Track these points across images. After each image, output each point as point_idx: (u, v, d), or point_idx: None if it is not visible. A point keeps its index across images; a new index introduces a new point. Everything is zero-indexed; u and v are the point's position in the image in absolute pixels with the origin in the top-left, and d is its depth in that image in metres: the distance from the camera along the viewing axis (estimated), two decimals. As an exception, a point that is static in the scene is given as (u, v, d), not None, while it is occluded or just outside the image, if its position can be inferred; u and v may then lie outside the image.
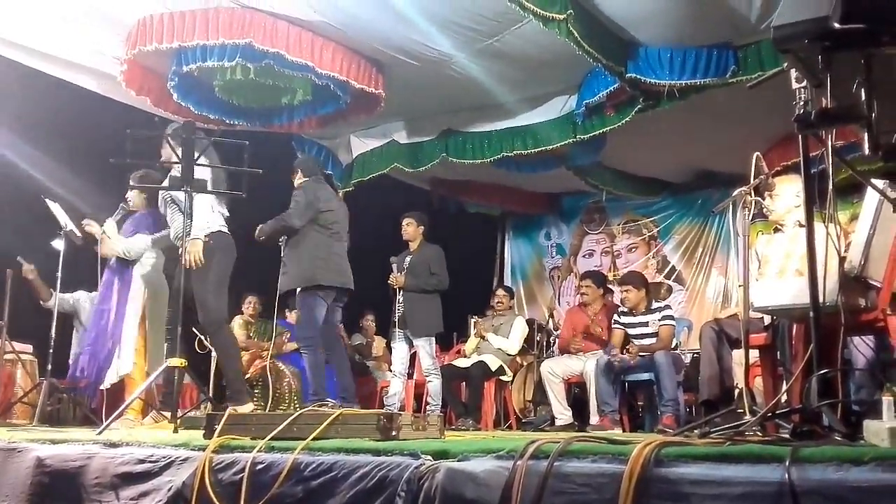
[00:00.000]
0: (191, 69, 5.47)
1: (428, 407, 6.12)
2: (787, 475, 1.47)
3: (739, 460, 1.58)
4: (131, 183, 5.05)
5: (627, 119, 5.93)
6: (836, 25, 1.73)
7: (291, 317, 7.42)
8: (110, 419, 3.65)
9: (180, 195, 4.28)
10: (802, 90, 2.32)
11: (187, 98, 5.97)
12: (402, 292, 6.06)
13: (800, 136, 2.41)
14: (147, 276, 5.08)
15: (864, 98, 1.80)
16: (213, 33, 5.16)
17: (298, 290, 5.20)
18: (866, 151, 1.84)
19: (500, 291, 7.14)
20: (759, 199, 3.64)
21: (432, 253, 6.18)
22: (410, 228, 6.21)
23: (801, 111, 2.21)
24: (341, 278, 5.27)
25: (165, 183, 4.47)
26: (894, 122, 1.83)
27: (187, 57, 5.41)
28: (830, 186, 2.40)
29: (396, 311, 6.08)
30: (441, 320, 6.18)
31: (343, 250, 5.38)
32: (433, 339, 6.18)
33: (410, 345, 6.14)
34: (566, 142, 6.42)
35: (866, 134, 1.81)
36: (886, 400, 1.78)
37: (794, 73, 2.34)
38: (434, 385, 6.08)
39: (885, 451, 1.47)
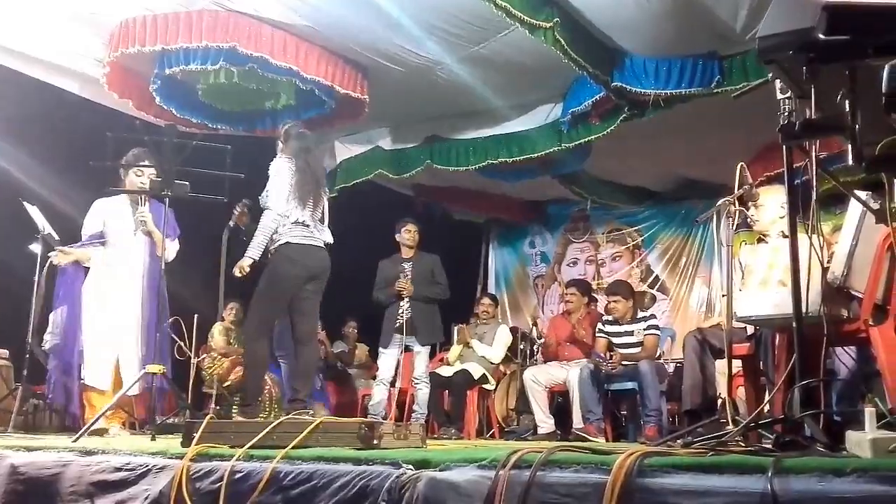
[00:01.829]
0: (174, 72, 5.43)
1: (413, 415, 6.09)
2: (769, 486, 1.46)
3: (722, 471, 1.58)
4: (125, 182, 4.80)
5: (612, 128, 5.95)
6: (821, 37, 1.73)
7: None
8: (86, 427, 3.60)
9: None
10: (787, 101, 2.33)
11: (170, 101, 5.93)
12: (407, 299, 6.03)
13: (784, 147, 2.42)
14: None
15: (847, 109, 1.80)
16: (197, 36, 5.13)
17: None
18: (850, 162, 1.84)
19: (486, 300, 7.13)
20: (743, 209, 3.65)
21: (433, 261, 6.18)
22: (417, 236, 6.21)
23: (786, 122, 2.21)
24: None
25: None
26: (878, 133, 1.83)
27: (170, 60, 5.37)
28: (814, 197, 2.41)
29: (398, 319, 6.03)
30: (441, 328, 6.21)
31: None
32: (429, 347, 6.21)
33: (403, 353, 6.14)
34: (551, 150, 6.44)
35: (850, 145, 1.81)
36: (868, 411, 1.78)
37: (778, 84, 2.35)
38: (423, 393, 6.07)
39: (866, 462, 1.47)
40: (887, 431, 1.79)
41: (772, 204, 3.88)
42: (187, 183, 4.18)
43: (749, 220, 3.98)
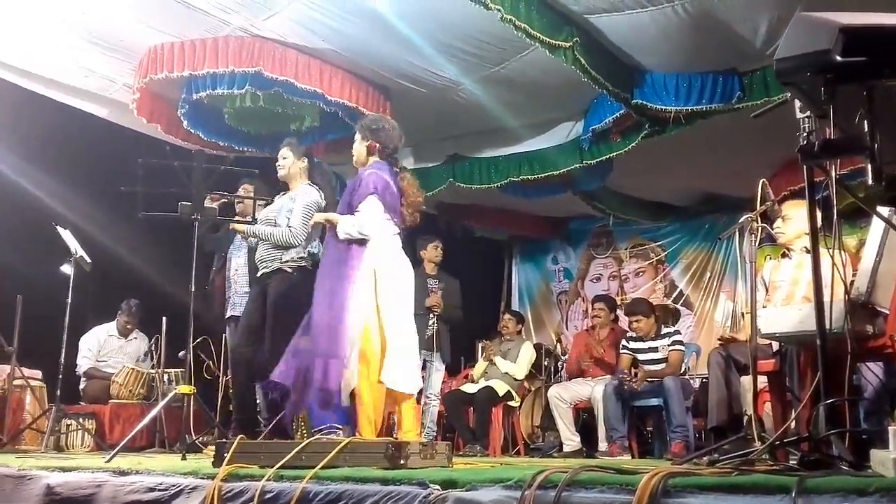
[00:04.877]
0: (201, 97, 5.54)
1: (425, 430, 6.12)
2: (793, 506, 1.47)
3: (746, 491, 1.59)
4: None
5: (633, 144, 5.97)
6: (838, 59, 1.75)
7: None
8: (119, 446, 3.66)
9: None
10: (806, 120, 2.35)
11: (197, 125, 6.04)
12: (434, 316, 6.07)
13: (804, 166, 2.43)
14: None
15: (866, 129, 1.82)
16: (223, 61, 5.23)
17: None
18: (870, 181, 1.85)
19: (508, 316, 7.15)
20: (765, 225, 3.66)
21: (456, 284, 6.26)
22: (442, 254, 6.29)
23: (805, 141, 2.23)
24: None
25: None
26: (896, 152, 1.85)
27: (197, 85, 5.48)
28: (835, 217, 2.42)
29: (426, 333, 6.00)
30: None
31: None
32: None
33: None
34: (573, 167, 6.47)
35: (870, 164, 1.83)
36: (892, 429, 1.78)
37: (797, 103, 2.37)
38: (435, 410, 6.11)
39: (890, 482, 1.47)
40: (912, 450, 1.78)
41: (799, 217, 3.87)
42: (216, 206, 4.27)
43: (775, 231, 3.98)
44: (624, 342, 6.03)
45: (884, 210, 2.59)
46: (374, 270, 3.59)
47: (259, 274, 4.60)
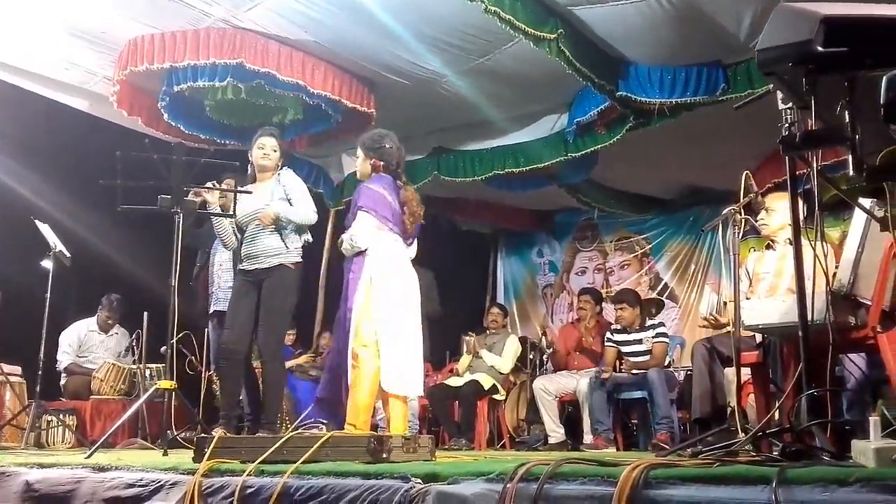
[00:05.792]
0: (182, 89, 5.48)
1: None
2: (773, 496, 1.47)
3: (727, 481, 1.58)
4: None
5: (618, 137, 5.96)
6: (819, 49, 1.74)
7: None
8: (98, 442, 3.63)
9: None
10: (788, 111, 2.35)
11: (178, 118, 5.98)
12: None
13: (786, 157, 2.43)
14: None
15: (847, 120, 1.81)
16: (204, 53, 5.17)
17: None
18: (851, 172, 1.85)
19: (494, 309, 7.13)
20: (748, 217, 3.66)
21: (428, 277, 6.16)
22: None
23: (787, 132, 2.23)
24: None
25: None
26: (878, 143, 1.85)
27: (178, 77, 5.42)
28: (817, 208, 2.42)
29: None
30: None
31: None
32: None
33: None
34: (557, 160, 6.46)
35: (851, 155, 1.83)
36: (873, 419, 1.78)
37: (780, 94, 2.36)
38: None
39: (870, 472, 1.47)
40: (892, 440, 1.79)
41: (782, 209, 3.88)
42: (198, 200, 4.22)
43: (759, 223, 3.99)
44: (608, 334, 6.05)
45: (865, 201, 2.60)
46: (371, 279, 3.82)
47: (253, 268, 4.51)
